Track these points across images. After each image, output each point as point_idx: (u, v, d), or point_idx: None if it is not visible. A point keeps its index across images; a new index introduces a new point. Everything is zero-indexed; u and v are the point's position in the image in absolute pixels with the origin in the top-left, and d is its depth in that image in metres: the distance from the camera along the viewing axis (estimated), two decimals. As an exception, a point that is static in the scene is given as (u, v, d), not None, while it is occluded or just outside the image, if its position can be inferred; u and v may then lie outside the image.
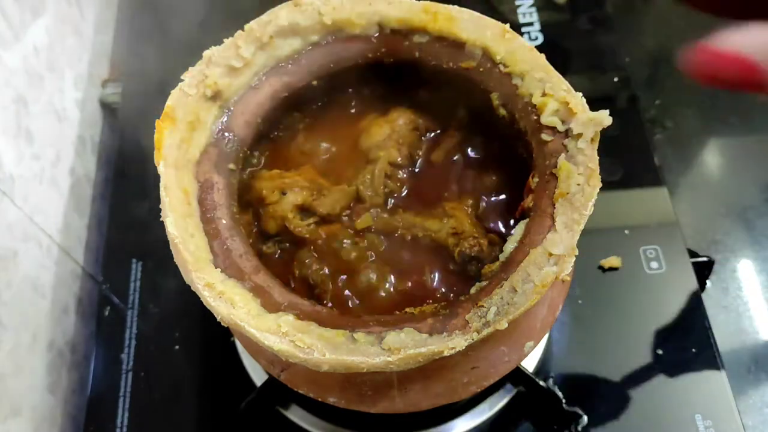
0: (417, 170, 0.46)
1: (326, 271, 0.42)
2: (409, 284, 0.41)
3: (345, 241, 0.43)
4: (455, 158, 0.46)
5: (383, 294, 0.41)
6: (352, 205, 0.44)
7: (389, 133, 0.45)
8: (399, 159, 0.45)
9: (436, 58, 0.43)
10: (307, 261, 0.42)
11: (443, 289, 0.41)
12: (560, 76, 0.39)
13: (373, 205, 0.44)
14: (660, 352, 0.53)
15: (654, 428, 0.51)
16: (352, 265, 0.42)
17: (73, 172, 0.66)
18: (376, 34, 0.44)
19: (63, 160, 0.64)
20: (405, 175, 0.46)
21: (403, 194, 0.45)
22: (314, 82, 0.45)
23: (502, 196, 0.44)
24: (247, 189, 0.44)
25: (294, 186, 0.43)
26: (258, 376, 0.55)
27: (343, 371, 0.32)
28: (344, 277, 0.42)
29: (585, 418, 0.51)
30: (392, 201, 0.45)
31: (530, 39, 0.72)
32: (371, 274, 0.42)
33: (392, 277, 0.42)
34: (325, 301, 0.41)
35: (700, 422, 0.50)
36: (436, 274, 0.42)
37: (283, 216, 0.42)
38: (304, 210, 0.43)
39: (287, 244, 0.43)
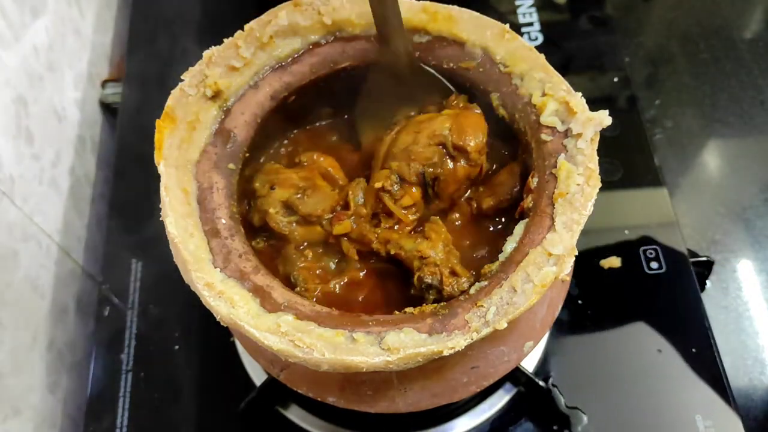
0: (427, 187, 0.43)
1: (309, 269, 0.42)
2: (363, 298, 0.41)
3: (319, 243, 0.42)
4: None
5: (352, 300, 0.41)
6: (339, 208, 0.43)
7: (408, 144, 0.42)
8: (407, 176, 0.42)
9: (436, 58, 0.43)
10: (292, 258, 0.42)
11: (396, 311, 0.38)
12: (560, 76, 0.39)
13: (357, 214, 0.42)
14: (660, 352, 0.53)
15: (654, 428, 0.51)
16: (324, 268, 0.42)
17: (72, 172, 0.66)
18: (376, 34, 0.44)
19: (63, 161, 0.64)
20: (414, 191, 0.43)
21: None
22: (314, 83, 0.45)
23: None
24: (250, 180, 0.44)
25: (285, 182, 0.43)
26: (258, 376, 0.55)
27: (343, 371, 0.32)
28: (318, 278, 0.42)
29: (585, 418, 0.51)
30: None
31: (530, 39, 0.72)
32: (339, 281, 0.42)
33: (356, 286, 0.41)
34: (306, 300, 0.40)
35: (700, 422, 0.50)
36: (394, 295, 0.41)
37: (265, 210, 0.42)
38: (289, 207, 0.42)
39: (274, 241, 0.43)
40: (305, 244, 0.43)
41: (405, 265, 0.40)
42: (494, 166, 0.45)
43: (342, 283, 0.42)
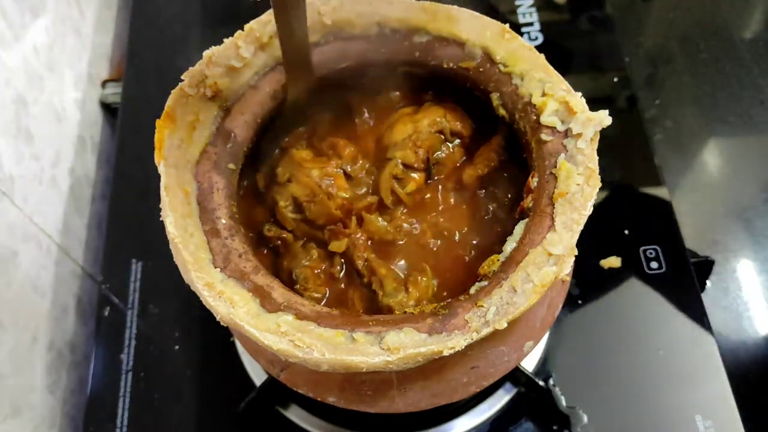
0: (430, 172, 0.45)
1: (313, 269, 0.42)
2: None
3: (322, 245, 0.43)
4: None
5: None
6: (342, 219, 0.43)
7: (410, 134, 0.44)
8: (414, 162, 0.44)
9: (435, 58, 0.43)
10: (299, 255, 0.42)
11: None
12: (560, 76, 0.39)
13: (354, 234, 0.43)
14: (660, 352, 0.53)
15: (654, 428, 0.51)
16: (325, 270, 0.43)
17: (72, 172, 0.66)
18: (376, 34, 0.44)
19: (63, 161, 0.64)
20: (417, 177, 0.45)
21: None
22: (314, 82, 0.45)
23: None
24: (278, 161, 0.45)
25: (302, 179, 0.43)
26: (258, 376, 0.55)
27: (343, 371, 0.32)
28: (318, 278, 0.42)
29: (585, 418, 0.51)
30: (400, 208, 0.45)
31: (530, 39, 0.72)
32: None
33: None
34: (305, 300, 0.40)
35: (700, 422, 0.50)
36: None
37: (276, 201, 0.43)
38: (298, 205, 0.43)
39: (284, 234, 0.43)
40: (312, 243, 0.43)
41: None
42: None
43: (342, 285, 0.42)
